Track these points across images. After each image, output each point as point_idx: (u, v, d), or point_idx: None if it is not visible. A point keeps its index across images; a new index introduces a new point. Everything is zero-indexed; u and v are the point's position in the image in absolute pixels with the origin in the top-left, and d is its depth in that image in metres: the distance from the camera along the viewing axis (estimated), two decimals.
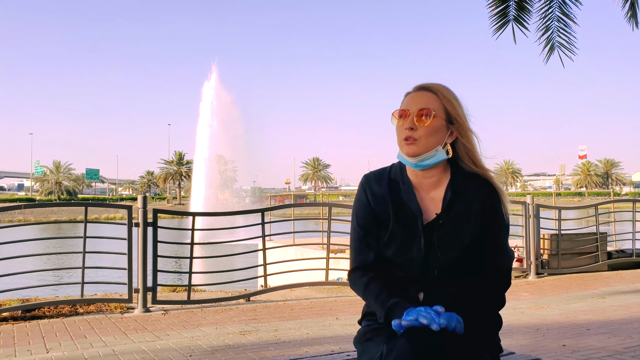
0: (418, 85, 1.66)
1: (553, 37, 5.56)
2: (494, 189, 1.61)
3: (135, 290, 5.73)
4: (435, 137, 1.59)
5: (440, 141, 1.60)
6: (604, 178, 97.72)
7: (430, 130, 1.58)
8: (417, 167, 1.60)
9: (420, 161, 1.59)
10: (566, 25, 5.52)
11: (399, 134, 1.62)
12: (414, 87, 1.67)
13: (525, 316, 5.31)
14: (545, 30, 5.57)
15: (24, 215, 47.75)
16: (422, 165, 1.59)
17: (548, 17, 5.55)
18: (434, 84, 1.65)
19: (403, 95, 1.67)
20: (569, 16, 5.50)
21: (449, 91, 1.64)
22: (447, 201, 1.59)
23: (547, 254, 8.52)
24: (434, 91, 1.62)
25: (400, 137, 1.61)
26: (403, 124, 1.60)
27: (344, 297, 6.65)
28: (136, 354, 3.99)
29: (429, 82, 1.66)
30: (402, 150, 1.61)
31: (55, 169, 76.57)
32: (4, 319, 5.27)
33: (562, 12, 5.54)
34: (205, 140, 47.02)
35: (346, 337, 4.42)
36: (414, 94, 1.64)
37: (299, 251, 10.51)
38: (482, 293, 1.57)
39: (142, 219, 5.78)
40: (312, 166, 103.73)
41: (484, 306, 1.57)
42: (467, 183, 1.61)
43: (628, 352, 3.82)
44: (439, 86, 1.64)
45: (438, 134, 1.59)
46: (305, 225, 20.84)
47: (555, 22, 5.55)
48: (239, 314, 5.59)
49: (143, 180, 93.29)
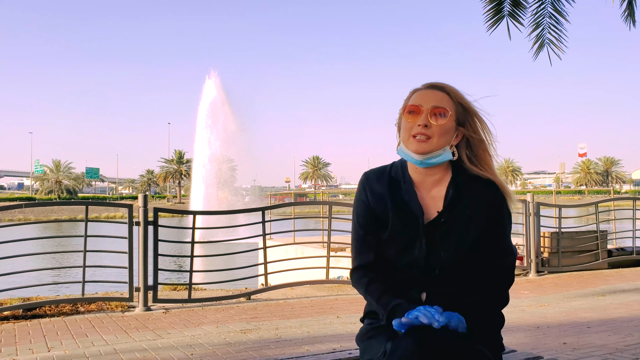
0: (429, 83, 1.64)
1: (544, 34, 5.54)
2: (500, 191, 1.60)
3: (136, 289, 5.74)
4: (445, 137, 1.57)
5: (448, 142, 1.58)
6: (604, 176, 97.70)
7: (443, 130, 1.56)
8: (421, 165, 1.59)
9: (427, 159, 1.57)
10: (558, 22, 5.50)
11: (407, 130, 1.59)
12: (423, 84, 1.65)
13: (525, 314, 5.32)
14: (536, 26, 5.55)
15: (24, 214, 47.72)
16: (427, 163, 1.58)
17: (539, 13, 5.54)
18: (446, 84, 1.63)
19: (409, 92, 1.65)
20: (561, 13, 5.49)
21: (460, 93, 1.62)
22: (449, 199, 1.58)
23: (548, 252, 8.53)
24: (447, 91, 1.60)
25: (408, 133, 1.58)
26: (414, 120, 1.57)
27: (344, 295, 6.66)
28: (137, 352, 3.99)
29: (441, 82, 1.63)
30: (410, 146, 1.58)
31: (55, 168, 76.48)
32: (6, 317, 5.28)
33: (554, 8, 5.52)
34: (204, 139, 46.99)
35: (347, 335, 4.42)
36: (425, 92, 1.61)
37: (299, 250, 10.52)
38: (484, 292, 1.56)
39: (142, 217, 5.78)
40: (312, 165, 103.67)
41: (487, 305, 1.56)
42: (470, 183, 1.60)
43: (628, 349, 3.83)
44: (451, 87, 1.62)
45: (448, 134, 1.58)
46: (306, 223, 20.85)
47: (547, 18, 5.54)
48: (239, 313, 5.60)
49: (143, 179, 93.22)
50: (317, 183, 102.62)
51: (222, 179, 46.95)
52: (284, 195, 53.52)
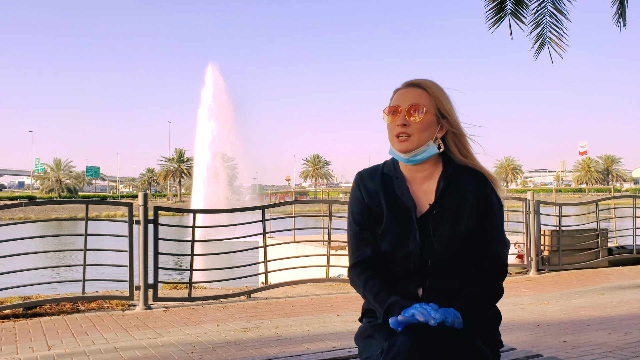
0: (407, 81, 1.68)
1: (544, 32, 5.53)
2: (487, 180, 1.62)
3: (136, 288, 5.74)
4: (426, 133, 1.61)
5: (431, 136, 1.62)
6: (605, 174, 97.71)
7: (422, 126, 1.60)
8: (409, 162, 1.63)
9: (412, 156, 1.61)
10: (558, 20, 5.49)
11: (390, 130, 1.64)
12: (402, 83, 1.68)
13: (525, 312, 5.32)
14: (536, 25, 5.54)
15: (24, 213, 47.78)
16: (414, 160, 1.62)
17: (540, 12, 5.53)
18: (423, 80, 1.66)
19: (392, 92, 1.69)
20: (562, 12, 5.48)
21: (438, 86, 1.65)
22: (440, 192, 1.61)
23: (548, 250, 8.53)
24: (423, 87, 1.63)
25: (392, 133, 1.63)
26: (395, 121, 1.62)
27: (344, 293, 6.66)
28: (137, 350, 4.00)
29: (418, 78, 1.67)
30: (395, 146, 1.62)
31: (55, 167, 76.53)
32: (6, 316, 5.29)
33: (555, 7, 5.50)
34: (205, 138, 47.02)
35: (347, 333, 4.43)
36: (403, 90, 1.65)
37: (299, 248, 10.52)
38: (477, 286, 1.57)
39: (142, 216, 5.79)
40: (312, 163, 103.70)
41: (482, 298, 1.56)
42: (459, 175, 1.63)
43: (629, 347, 3.83)
44: (427, 82, 1.65)
45: (430, 129, 1.61)
46: (306, 222, 20.83)
47: (547, 17, 5.52)
48: (240, 311, 5.60)
49: (143, 178, 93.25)
50: (317, 181, 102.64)
51: (223, 177, 46.99)
52: (285, 193, 53.56)
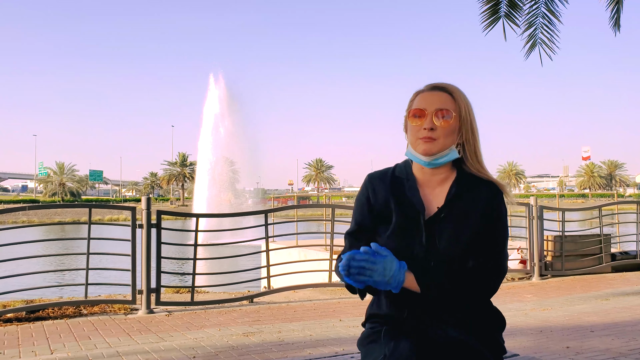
0: (432, 84, 1.67)
1: (536, 33, 5.54)
2: (499, 191, 1.62)
3: (138, 292, 5.74)
4: (451, 137, 1.61)
5: (454, 141, 1.63)
6: (608, 179, 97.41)
7: (448, 131, 1.60)
8: (429, 165, 1.62)
9: (434, 159, 1.61)
10: (550, 22, 5.50)
11: (414, 133, 1.63)
12: (426, 86, 1.68)
13: (528, 318, 5.30)
14: (529, 26, 5.56)
15: (27, 217, 47.83)
16: (435, 163, 1.62)
17: (532, 13, 5.54)
18: (449, 85, 1.66)
19: (412, 94, 1.68)
20: (555, 13, 5.49)
21: (462, 92, 1.66)
22: (451, 195, 1.61)
23: (551, 256, 8.51)
24: (449, 91, 1.63)
25: (415, 136, 1.62)
26: (421, 124, 1.61)
27: (347, 298, 6.65)
28: (140, 355, 4.00)
29: (442, 82, 1.67)
30: (418, 148, 1.61)
31: (58, 170, 76.66)
32: (9, 320, 5.29)
33: (547, 9, 5.52)
34: (208, 142, 47.15)
35: (350, 338, 4.42)
36: (428, 94, 1.64)
37: (302, 252, 10.51)
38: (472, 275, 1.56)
39: (145, 220, 5.80)
40: (315, 167, 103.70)
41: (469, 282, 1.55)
42: (472, 183, 1.63)
43: (632, 354, 3.81)
44: (452, 87, 1.66)
45: (454, 134, 1.62)
46: (309, 226, 20.81)
47: (540, 18, 5.53)
48: (242, 316, 5.60)
49: (146, 182, 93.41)
50: (320, 186, 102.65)
51: (226, 181, 47.06)
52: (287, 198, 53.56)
